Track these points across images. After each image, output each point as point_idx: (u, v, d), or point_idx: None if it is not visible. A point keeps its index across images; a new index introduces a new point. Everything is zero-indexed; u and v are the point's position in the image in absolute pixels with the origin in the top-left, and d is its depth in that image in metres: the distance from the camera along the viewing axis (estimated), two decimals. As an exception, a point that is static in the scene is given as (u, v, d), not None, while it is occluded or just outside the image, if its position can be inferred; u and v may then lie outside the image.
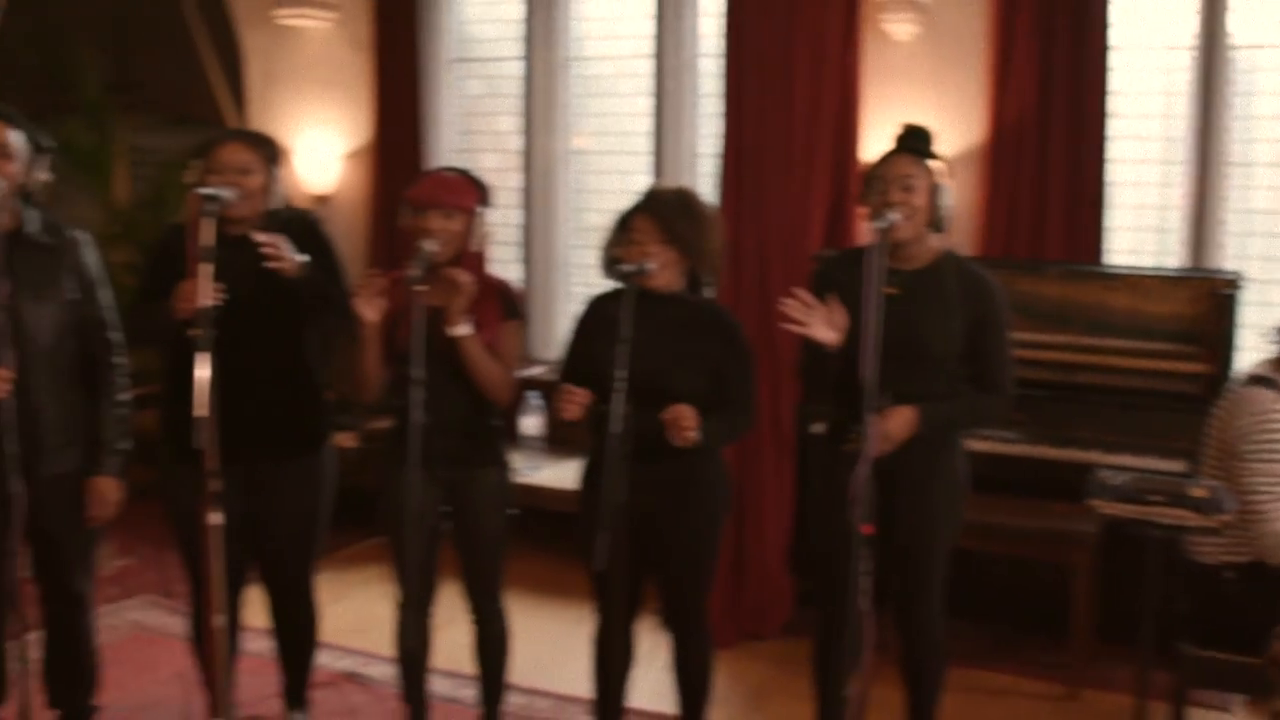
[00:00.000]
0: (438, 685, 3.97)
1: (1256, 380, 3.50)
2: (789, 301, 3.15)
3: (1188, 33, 5.09)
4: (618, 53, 6.26)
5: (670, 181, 5.49)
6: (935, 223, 3.24)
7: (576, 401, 3.19)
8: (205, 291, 3.10)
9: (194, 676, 3.56)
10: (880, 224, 3.10)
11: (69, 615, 3.50)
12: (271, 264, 3.30)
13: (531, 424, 6.22)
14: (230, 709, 3.65)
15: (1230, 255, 5.15)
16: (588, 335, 3.43)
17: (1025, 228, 5.12)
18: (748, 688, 4.26)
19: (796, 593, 4.73)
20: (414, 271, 3.22)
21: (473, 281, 3.30)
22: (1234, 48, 5.09)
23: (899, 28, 5.33)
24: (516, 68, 6.37)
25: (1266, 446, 3.36)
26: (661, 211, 3.33)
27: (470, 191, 3.42)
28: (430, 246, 3.29)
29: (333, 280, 3.55)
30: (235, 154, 3.43)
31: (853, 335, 3.11)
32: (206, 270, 3.11)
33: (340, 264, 3.63)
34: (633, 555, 3.29)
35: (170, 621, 4.58)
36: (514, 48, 6.38)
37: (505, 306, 3.47)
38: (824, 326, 3.14)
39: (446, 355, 3.32)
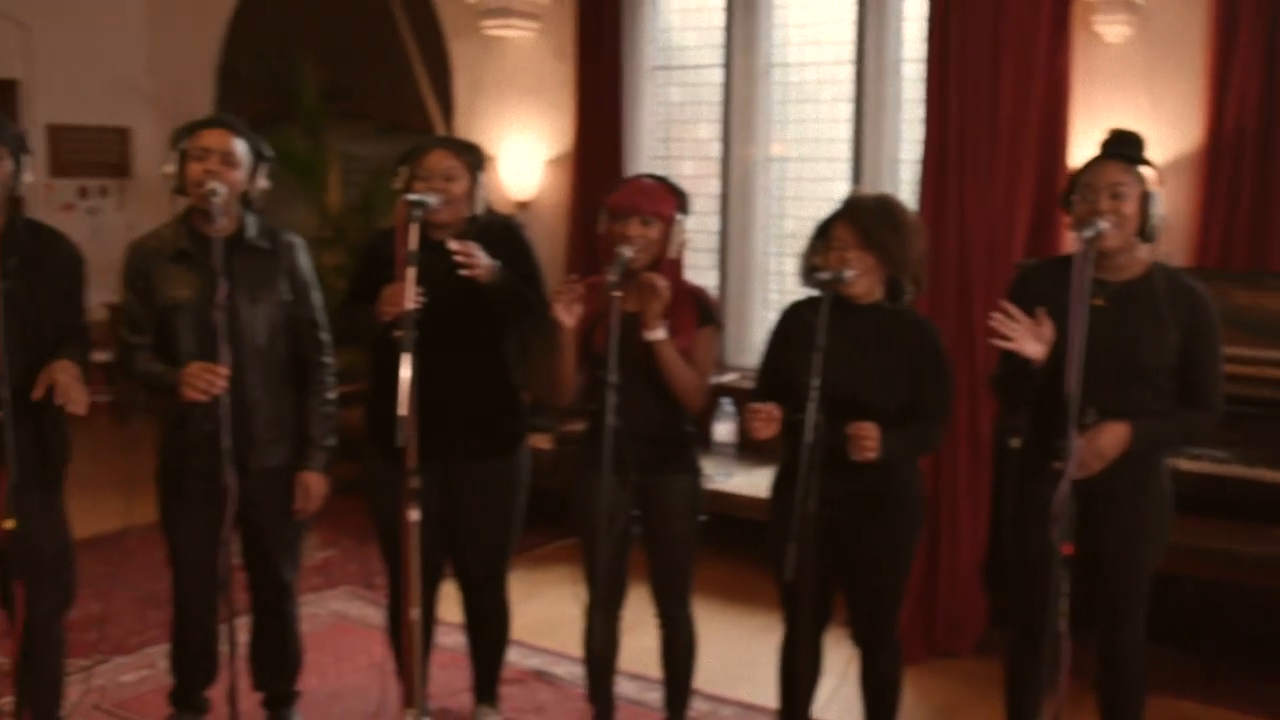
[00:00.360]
0: (625, 688, 4.01)
1: None
2: (996, 315, 3.06)
3: None
4: (819, 59, 6.20)
5: (870, 188, 5.43)
6: (1145, 232, 3.11)
7: (766, 419, 3.16)
8: (409, 295, 3.19)
9: (390, 666, 3.67)
10: (1087, 233, 2.99)
11: (275, 602, 3.65)
12: (464, 271, 3.37)
13: (724, 431, 6.21)
14: (423, 700, 3.76)
15: None
16: (784, 343, 3.40)
17: (1244, 238, 4.86)
18: (936, 706, 4.16)
19: (990, 610, 4.60)
20: (611, 277, 3.25)
21: (669, 286, 3.32)
22: None
23: (1112, 29, 5.14)
24: (717, 75, 6.38)
25: None
26: (862, 219, 3.27)
27: (669, 199, 3.44)
28: (628, 252, 3.31)
29: (530, 284, 3.61)
30: (441, 161, 3.52)
31: (1056, 348, 3.00)
32: (411, 274, 3.20)
33: (538, 268, 3.70)
34: (823, 567, 3.25)
35: (370, 612, 4.73)
36: (714, 55, 6.39)
37: (701, 313, 3.47)
38: (1030, 340, 3.04)
39: (641, 360, 3.35)
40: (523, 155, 6.79)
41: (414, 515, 3.26)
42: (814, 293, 3.30)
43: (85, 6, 8.24)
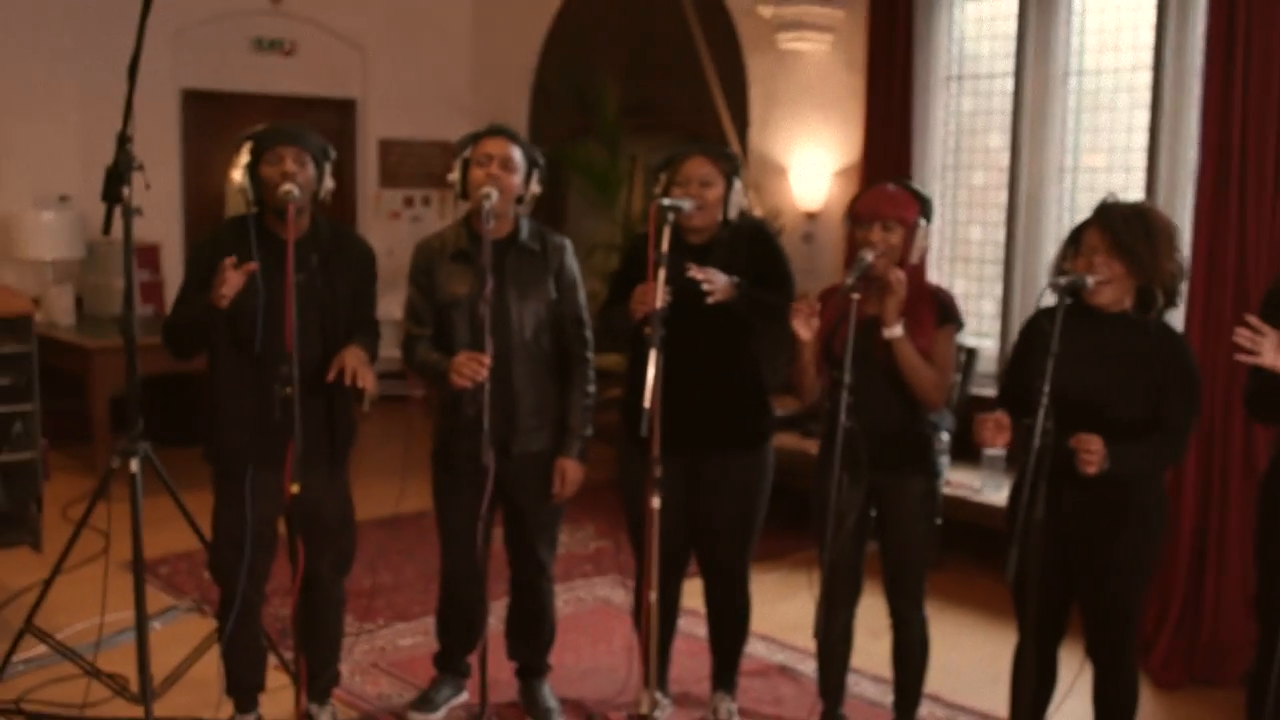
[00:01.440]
0: (865, 688, 4.05)
1: None
2: (1240, 330, 2.95)
3: None
4: (1116, 65, 6.01)
5: (1165, 198, 5.23)
6: None
7: (995, 428, 3.16)
8: (659, 294, 3.36)
9: (637, 649, 3.85)
10: None
11: (533, 580, 3.90)
12: (708, 295, 3.50)
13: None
14: (664, 680, 3.93)
15: None
16: (1025, 351, 3.37)
17: None
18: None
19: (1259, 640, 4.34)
20: (849, 279, 3.32)
21: (904, 281, 3.35)
22: None
23: None
24: (1010, 84, 6.28)
25: None
26: (1112, 224, 3.21)
27: (911, 204, 3.47)
28: (868, 256, 3.38)
29: (777, 286, 3.71)
30: (698, 167, 3.68)
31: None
32: (661, 275, 3.37)
33: (787, 271, 3.79)
34: (1059, 577, 3.21)
35: (631, 600, 4.93)
36: (1008, 63, 6.29)
37: (940, 313, 3.49)
38: (1276, 353, 2.91)
39: (881, 361, 3.41)
40: (812, 166, 6.90)
41: (656, 503, 3.44)
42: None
43: (416, 31, 8.95)
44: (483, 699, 3.61)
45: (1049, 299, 3.18)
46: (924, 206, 3.49)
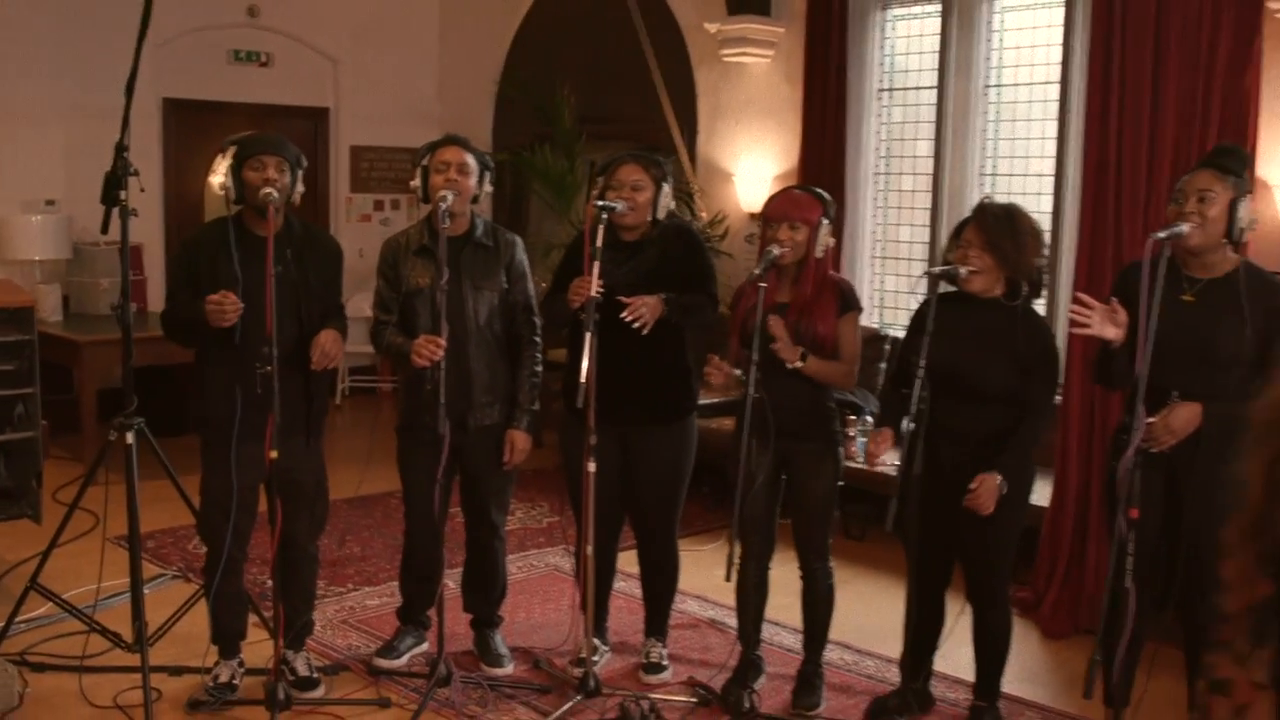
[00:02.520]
0: (781, 637, 4.53)
1: None
2: (1072, 306, 3.46)
3: None
4: (1030, 80, 6.52)
5: (1070, 201, 5.74)
6: (1231, 234, 3.42)
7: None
8: (593, 284, 3.85)
9: (579, 604, 4.32)
10: (1161, 235, 3.34)
11: (486, 540, 4.37)
12: (638, 326, 3.97)
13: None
14: (602, 630, 4.41)
15: None
16: (913, 330, 3.87)
17: None
18: (1071, 674, 4.41)
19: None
20: (757, 270, 3.82)
21: (780, 324, 3.84)
22: None
23: (1309, 49, 5.28)
24: (935, 96, 6.78)
25: None
26: (986, 223, 3.72)
27: (815, 206, 3.96)
28: (775, 250, 3.87)
29: (701, 281, 4.20)
30: (630, 173, 4.16)
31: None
32: (595, 267, 3.86)
33: (710, 268, 4.28)
34: (942, 531, 3.72)
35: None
36: (934, 78, 6.80)
37: (842, 301, 3.98)
38: (1107, 325, 3.42)
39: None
40: (755, 171, 7.39)
41: (591, 467, 3.92)
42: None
43: (386, 45, 9.41)
44: (440, 643, 4.07)
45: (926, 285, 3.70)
46: (826, 208, 3.98)
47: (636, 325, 3.96)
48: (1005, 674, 3.93)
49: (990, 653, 3.86)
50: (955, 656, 4.13)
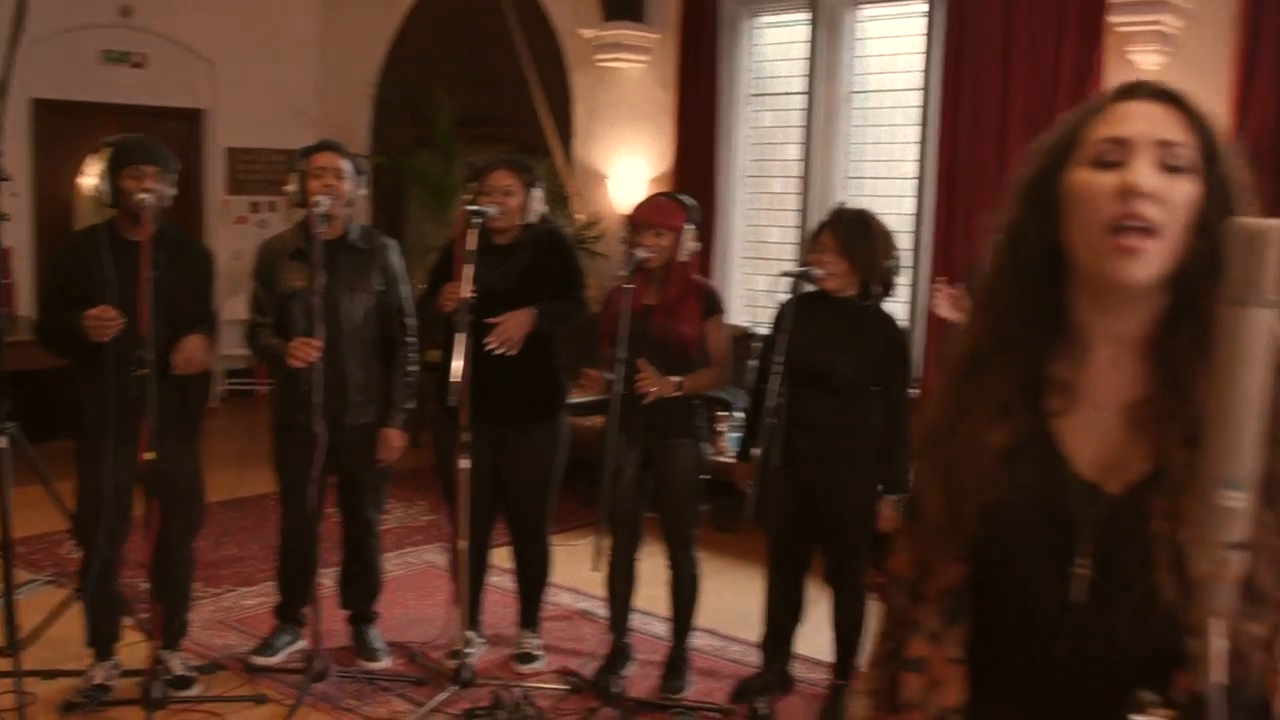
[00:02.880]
0: (652, 626, 4.69)
1: None
2: (933, 284, 3.71)
3: None
4: (894, 86, 6.78)
5: (928, 202, 6.00)
6: None
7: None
8: (465, 287, 3.96)
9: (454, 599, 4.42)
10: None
11: (361, 537, 4.46)
12: (504, 351, 4.14)
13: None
14: (476, 622, 4.52)
15: None
16: (774, 328, 4.05)
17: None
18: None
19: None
20: (623, 272, 3.97)
21: (647, 366, 4.01)
22: None
23: (1146, 58, 5.61)
24: (804, 101, 7.01)
25: None
26: (840, 227, 3.93)
27: (679, 213, 4.13)
28: (641, 254, 4.03)
29: (570, 284, 4.33)
30: (501, 179, 4.28)
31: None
32: (468, 270, 3.97)
33: (578, 270, 4.41)
34: (801, 520, 3.91)
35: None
36: (802, 83, 7.02)
37: (706, 304, 4.14)
38: (948, 308, 3.67)
39: (652, 341, 4.05)
40: (630, 174, 7.55)
41: (464, 463, 4.03)
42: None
43: (263, 46, 9.37)
44: (316, 638, 4.13)
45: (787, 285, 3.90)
46: (690, 214, 4.15)
47: (500, 352, 4.11)
48: (861, 654, 4.14)
49: (847, 635, 4.06)
50: (815, 639, 4.32)
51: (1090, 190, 1.31)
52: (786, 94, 7.22)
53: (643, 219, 4.12)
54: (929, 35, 6.36)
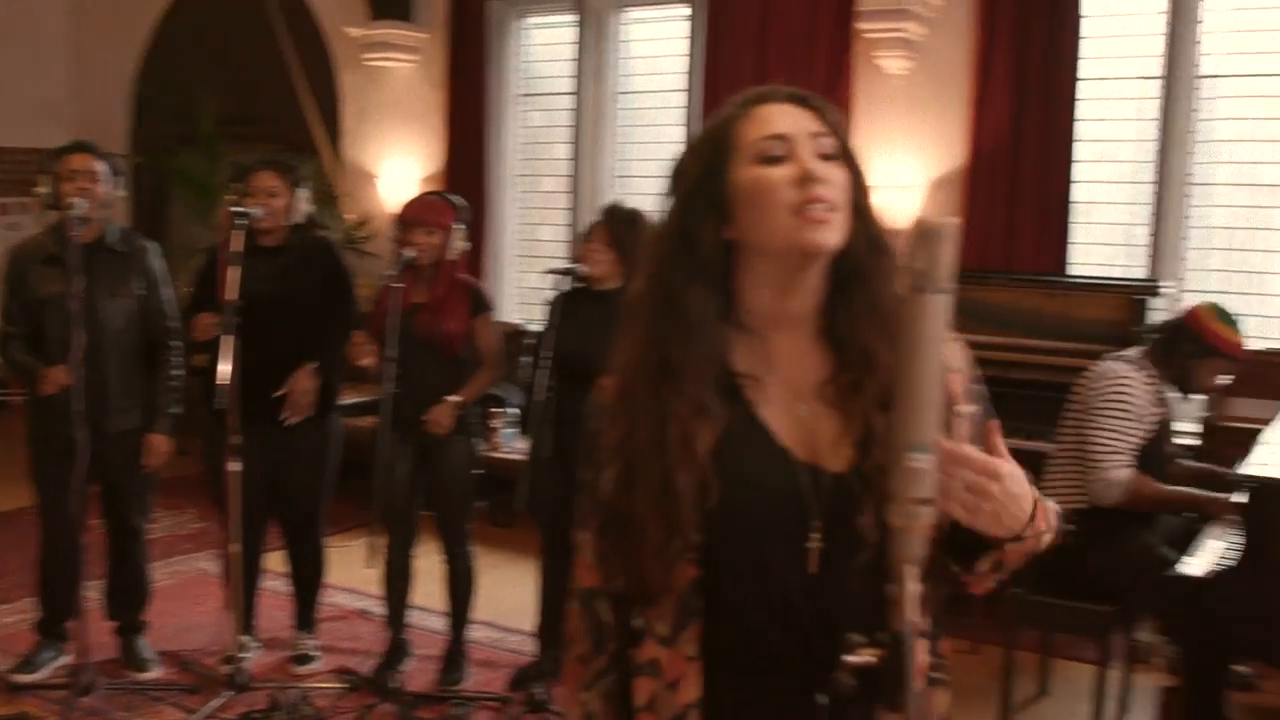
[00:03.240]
0: (429, 621, 4.73)
1: (1116, 358, 3.99)
2: None
3: (1155, 65, 5.59)
4: (659, 86, 6.96)
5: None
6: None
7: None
8: (232, 288, 3.92)
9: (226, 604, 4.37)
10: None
11: (127, 545, 4.36)
12: (296, 418, 4.21)
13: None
14: (250, 626, 4.47)
15: (1191, 268, 5.63)
16: (547, 323, 4.15)
17: (999, 241, 5.69)
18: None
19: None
20: (391, 271, 4.00)
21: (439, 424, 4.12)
22: (1198, 77, 5.57)
23: (892, 63, 5.94)
24: (572, 101, 7.14)
25: (1113, 407, 3.84)
26: (610, 224, 4.06)
27: (449, 212, 4.18)
28: (410, 253, 4.06)
29: (341, 295, 4.33)
30: (265, 180, 4.25)
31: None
32: (234, 272, 3.93)
33: (350, 284, 4.39)
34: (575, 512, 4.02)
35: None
36: (571, 84, 7.15)
37: (474, 302, 4.21)
38: None
39: (422, 339, 4.09)
40: (401, 174, 7.53)
41: (234, 466, 3.99)
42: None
43: (8, 37, 8.92)
44: (82, 653, 4.03)
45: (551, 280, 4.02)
46: (459, 214, 4.21)
47: (295, 421, 4.23)
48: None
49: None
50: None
51: (768, 184, 1.43)
52: (555, 94, 7.33)
53: (412, 217, 4.16)
54: (691, 38, 6.59)
